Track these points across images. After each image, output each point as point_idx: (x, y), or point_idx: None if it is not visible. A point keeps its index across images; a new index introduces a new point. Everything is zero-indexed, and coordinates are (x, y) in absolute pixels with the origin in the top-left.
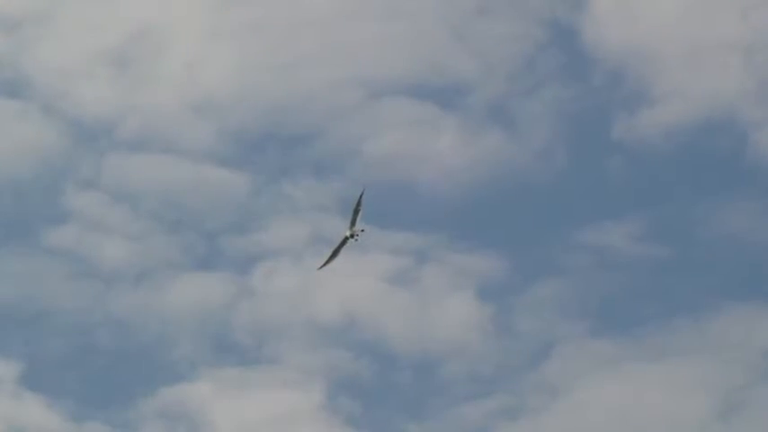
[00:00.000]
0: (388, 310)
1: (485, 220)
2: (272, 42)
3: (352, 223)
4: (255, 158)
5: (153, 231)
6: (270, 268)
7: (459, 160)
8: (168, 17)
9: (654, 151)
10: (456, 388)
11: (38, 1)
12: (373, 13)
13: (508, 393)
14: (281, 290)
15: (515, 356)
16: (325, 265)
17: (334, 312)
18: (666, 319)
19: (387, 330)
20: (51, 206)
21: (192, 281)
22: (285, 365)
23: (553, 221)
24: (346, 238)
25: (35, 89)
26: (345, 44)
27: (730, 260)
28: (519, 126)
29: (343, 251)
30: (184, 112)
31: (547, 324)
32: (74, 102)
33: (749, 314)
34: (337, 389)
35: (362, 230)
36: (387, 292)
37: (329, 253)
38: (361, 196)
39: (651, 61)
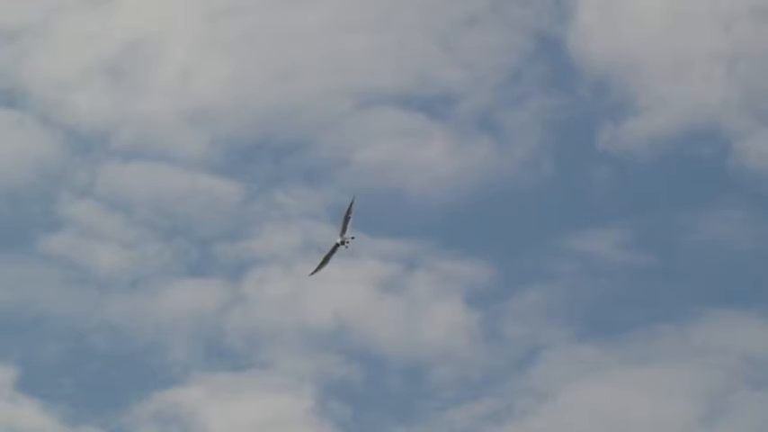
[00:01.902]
0: (377, 316)
1: (472, 227)
2: (265, 53)
3: (343, 230)
4: (247, 167)
5: (147, 238)
6: (261, 275)
7: (448, 169)
8: (162, 28)
9: (638, 160)
10: (444, 392)
11: (35, 12)
12: (363, 25)
13: (496, 397)
14: (272, 296)
15: (503, 361)
16: (316, 271)
17: (325, 318)
18: (650, 324)
19: (376, 336)
20: (47, 214)
21: (186, 287)
22: (276, 370)
23: (539, 229)
24: (337, 245)
25: (32, 99)
26: (336, 55)
27: (713, 267)
28: (506, 135)
29: (333, 258)
30: (178, 122)
31: (533, 329)
32: (70, 111)
33: (731, 320)
34: (328, 393)
35: (353, 237)
36: (376, 298)
37: (320, 260)
38: (351, 204)
39: (636, 72)
